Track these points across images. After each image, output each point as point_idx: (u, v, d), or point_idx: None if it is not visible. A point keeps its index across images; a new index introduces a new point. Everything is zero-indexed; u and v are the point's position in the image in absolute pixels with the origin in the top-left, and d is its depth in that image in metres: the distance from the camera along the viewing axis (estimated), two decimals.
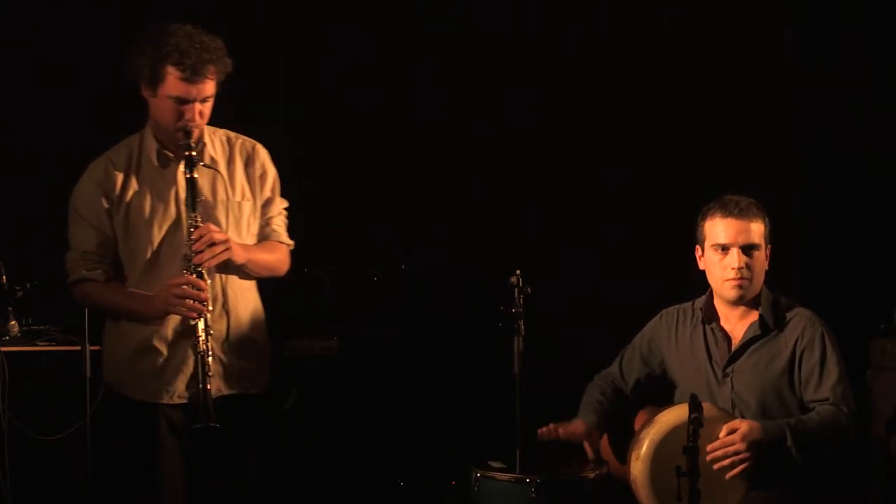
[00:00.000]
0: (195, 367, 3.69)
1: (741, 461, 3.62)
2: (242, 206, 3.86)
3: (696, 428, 3.49)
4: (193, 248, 3.68)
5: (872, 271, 4.83)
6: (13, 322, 4.43)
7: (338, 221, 5.13)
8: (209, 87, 3.69)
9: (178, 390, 3.77)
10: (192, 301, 3.67)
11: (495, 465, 3.90)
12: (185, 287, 3.67)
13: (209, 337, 3.69)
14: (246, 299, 3.88)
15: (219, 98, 3.77)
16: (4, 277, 4.40)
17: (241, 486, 3.87)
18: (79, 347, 4.01)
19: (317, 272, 5.02)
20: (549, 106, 5.15)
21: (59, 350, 4.39)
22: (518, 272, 3.94)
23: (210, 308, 3.71)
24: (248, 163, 3.90)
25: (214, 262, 3.72)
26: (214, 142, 3.87)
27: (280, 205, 3.98)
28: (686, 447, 3.44)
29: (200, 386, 3.66)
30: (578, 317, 4.94)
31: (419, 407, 4.83)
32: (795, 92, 5.07)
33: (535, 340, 4.01)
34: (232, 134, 3.93)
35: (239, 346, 3.83)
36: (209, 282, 3.72)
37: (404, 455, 4.81)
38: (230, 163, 3.87)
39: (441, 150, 5.11)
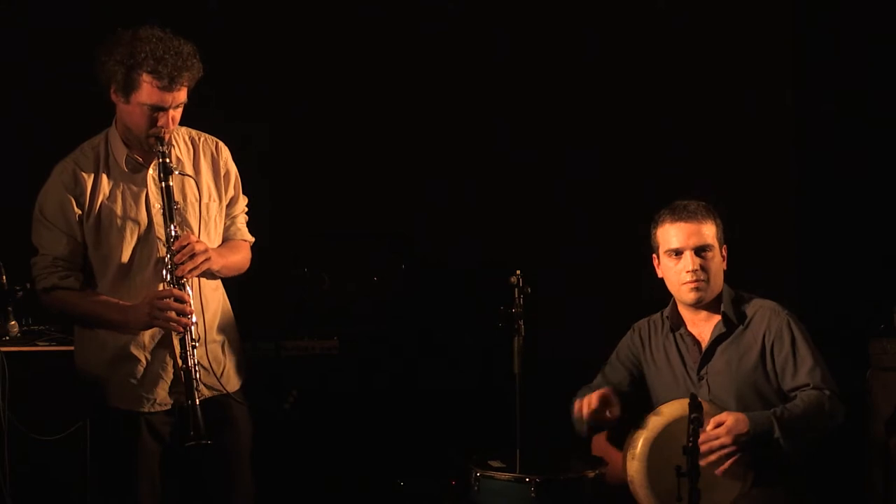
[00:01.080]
0: (184, 381, 3.62)
1: (728, 455, 3.62)
2: (210, 208, 3.82)
3: (696, 428, 3.49)
4: (175, 260, 3.62)
5: (872, 271, 4.83)
6: (13, 322, 4.43)
7: (337, 222, 5.13)
8: (183, 94, 3.62)
9: (160, 397, 3.71)
10: (176, 314, 3.61)
11: (495, 464, 3.90)
12: (168, 301, 3.61)
13: (194, 350, 3.63)
14: (215, 299, 3.84)
15: (217, 98, 3.75)
16: (4, 278, 4.40)
17: (225, 487, 3.81)
18: None
19: (316, 272, 5.02)
20: (548, 106, 5.15)
21: (58, 350, 4.38)
22: (518, 272, 3.94)
23: (194, 321, 3.65)
24: (213, 162, 3.84)
25: (196, 272, 3.67)
26: (178, 142, 3.80)
27: (243, 202, 3.95)
28: (686, 447, 3.44)
29: (189, 402, 3.59)
30: (578, 316, 4.94)
31: (419, 407, 4.83)
32: (795, 91, 5.07)
33: (535, 340, 4.02)
34: (194, 132, 3.86)
35: (213, 347, 3.78)
36: (191, 293, 3.67)
37: (404, 455, 4.80)
38: (195, 163, 3.81)
39: (441, 150, 5.11)
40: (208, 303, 3.78)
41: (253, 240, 3.97)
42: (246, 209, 3.96)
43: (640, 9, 5.10)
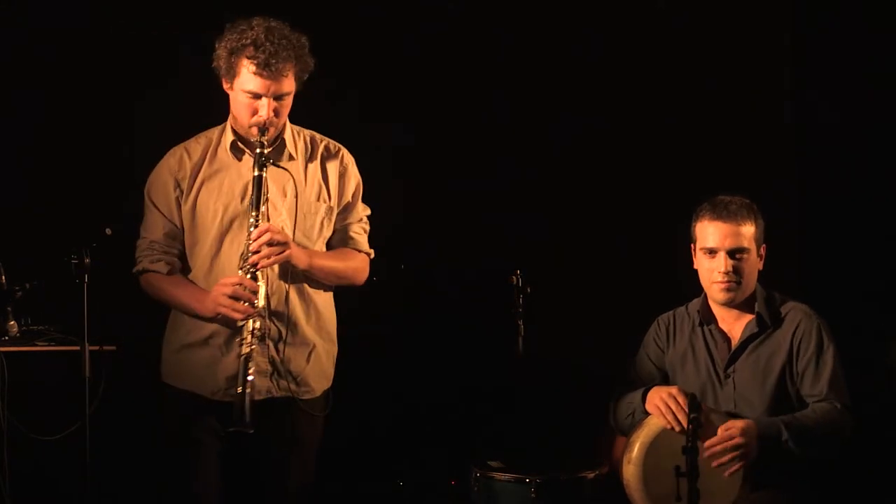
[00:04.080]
0: (240, 369, 3.60)
1: (741, 457, 3.63)
2: (316, 209, 3.79)
3: (695, 428, 3.50)
4: (252, 248, 3.60)
5: (876, 269, 4.82)
6: (12, 322, 4.42)
7: None
8: (285, 85, 3.63)
9: (229, 387, 3.68)
10: (241, 303, 3.59)
11: (495, 464, 3.90)
12: (236, 287, 3.60)
13: (254, 339, 3.61)
14: (313, 303, 3.80)
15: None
16: (4, 277, 4.39)
17: (278, 495, 3.83)
18: (78, 348, 4.02)
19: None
20: (548, 104, 5.14)
21: (58, 350, 4.37)
22: (518, 272, 3.95)
23: (261, 311, 3.63)
24: (330, 165, 3.83)
25: (270, 262, 3.63)
26: (298, 141, 3.81)
27: (362, 212, 3.92)
28: (685, 447, 3.45)
29: (240, 389, 3.57)
30: (578, 317, 4.93)
31: (418, 406, 4.83)
32: (795, 92, 5.07)
33: (535, 340, 4.03)
34: (318, 135, 3.87)
35: (294, 349, 3.75)
36: (262, 283, 3.64)
37: (404, 454, 4.80)
38: (309, 162, 3.81)
39: (441, 149, 5.10)
40: (298, 304, 3.75)
41: (372, 253, 3.95)
42: (367, 220, 3.94)
43: (641, 9, 5.09)
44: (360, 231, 3.92)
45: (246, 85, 3.61)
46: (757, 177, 4.70)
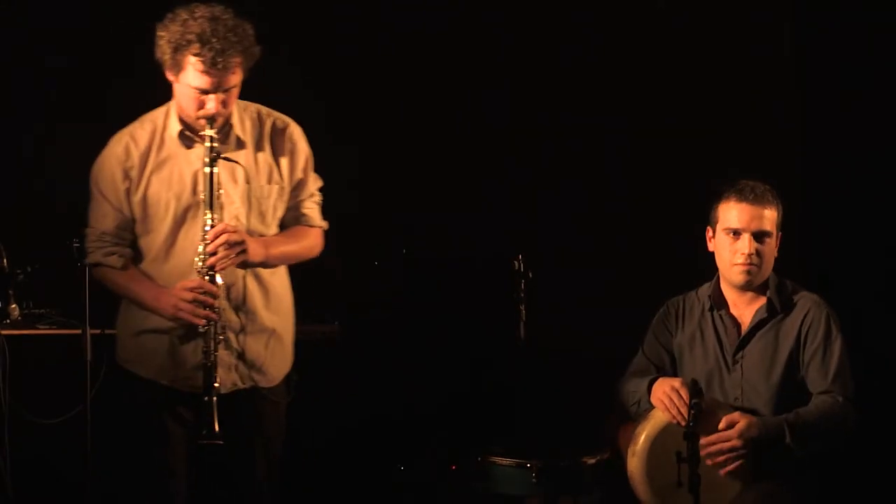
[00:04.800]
0: (203, 377, 3.56)
1: (736, 458, 3.63)
2: (268, 192, 3.71)
3: (696, 413, 3.50)
4: (209, 249, 3.55)
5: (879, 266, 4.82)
6: (14, 305, 4.41)
7: (339, 207, 5.11)
8: (233, 79, 3.53)
9: (189, 378, 3.64)
10: (201, 308, 3.55)
11: (496, 449, 3.90)
12: (196, 294, 3.55)
13: (218, 347, 3.57)
14: (271, 287, 3.75)
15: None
16: (5, 261, 4.38)
17: (247, 484, 3.78)
18: (79, 331, 4.01)
19: (317, 257, 5.01)
20: (552, 92, 5.13)
21: (59, 333, 4.38)
22: (520, 257, 3.94)
23: (219, 318, 3.58)
24: (279, 142, 3.73)
25: (228, 264, 3.58)
26: (244, 119, 3.70)
27: (314, 185, 3.84)
28: (686, 432, 3.44)
29: (206, 398, 3.54)
30: (580, 302, 4.93)
31: (420, 392, 4.83)
32: (798, 88, 5.06)
33: (537, 326, 4.02)
34: (264, 110, 3.76)
35: (254, 338, 3.71)
36: (222, 283, 3.59)
37: (404, 440, 4.80)
38: (259, 142, 3.71)
39: (443, 137, 5.10)
40: (262, 290, 3.70)
41: (325, 225, 3.87)
42: (319, 193, 3.86)
43: (641, 8, 5.09)
44: (312, 206, 3.84)
45: (192, 81, 3.50)
46: (761, 167, 4.69)
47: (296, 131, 3.78)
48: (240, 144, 3.69)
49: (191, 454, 3.69)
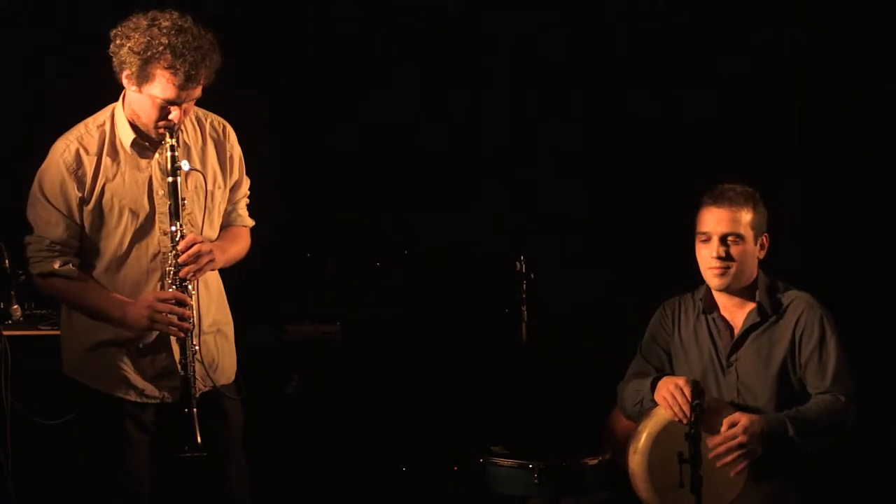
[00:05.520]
0: (182, 389, 3.50)
1: (743, 456, 3.63)
2: (214, 196, 3.67)
3: (698, 414, 3.50)
4: (181, 261, 3.49)
5: (878, 263, 4.82)
6: (15, 306, 4.40)
7: (340, 207, 5.12)
8: (198, 91, 3.48)
9: (148, 389, 3.60)
10: (177, 319, 3.50)
11: (498, 450, 3.90)
12: (170, 304, 3.49)
13: (194, 356, 3.52)
14: (212, 285, 3.71)
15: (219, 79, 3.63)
16: (7, 261, 4.38)
17: (222, 484, 3.72)
18: None
19: (319, 257, 5.02)
20: (552, 94, 5.14)
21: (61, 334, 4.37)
22: (521, 258, 3.94)
23: (193, 327, 3.52)
24: (220, 146, 3.69)
25: (201, 274, 3.55)
26: (186, 124, 3.63)
27: (246, 186, 3.80)
28: (688, 433, 3.45)
29: (186, 410, 3.48)
30: (581, 303, 4.94)
31: (421, 392, 4.84)
32: (800, 86, 5.07)
33: (539, 327, 4.02)
34: (200, 112, 3.68)
35: (207, 337, 3.65)
36: (194, 294, 3.56)
37: (406, 440, 4.81)
38: (203, 147, 3.66)
39: (444, 137, 5.11)
40: (206, 289, 3.66)
41: (253, 223, 3.85)
42: (248, 192, 3.84)
43: (641, 8, 5.09)
44: (244, 206, 3.82)
45: (163, 94, 3.43)
46: (762, 168, 4.70)
47: (231, 132, 3.74)
48: (186, 149, 3.63)
49: (154, 459, 3.63)
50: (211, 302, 3.70)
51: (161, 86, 3.42)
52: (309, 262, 4.98)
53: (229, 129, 3.74)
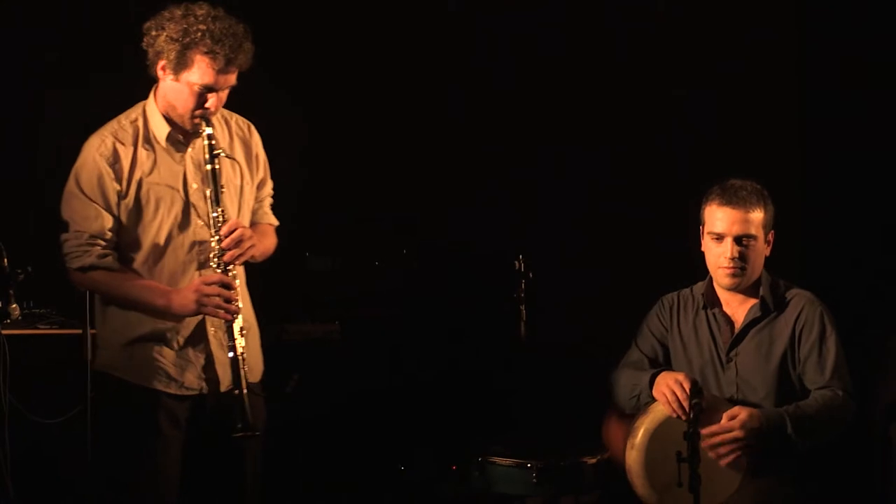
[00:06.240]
0: (232, 370, 3.55)
1: (737, 448, 3.63)
2: (244, 191, 3.74)
3: (696, 413, 3.50)
4: (223, 245, 3.55)
5: (876, 263, 4.82)
6: (14, 305, 4.39)
7: (340, 206, 5.12)
8: (234, 77, 3.56)
9: (188, 381, 3.64)
10: (225, 302, 3.54)
11: (497, 450, 3.90)
12: (216, 287, 3.54)
13: (242, 338, 3.56)
14: (241, 282, 3.75)
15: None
16: (6, 260, 4.38)
17: (241, 479, 3.76)
18: (80, 331, 4.03)
19: (318, 256, 5.02)
20: (551, 94, 5.14)
21: (60, 333, 4.38)
22: (521, 257, 3.94)
23: (239, 310, 3.57)
24: (245, 143, 3.77)
25: (244, 258, 3.61)
26: (213, 121, 3.68)
27: (270, 185, 3.88)
28: (687, 432, 3.45)
29: (237, 392, 3.53)
30: (580, 302, 4.94)
31: (420, 392, 4.84)
32: (802, 82, 5.07)
33: (538, 326, 4.02)
34: (225, 112, 3.75)
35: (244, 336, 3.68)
36: (238, 280, 3.61)
37: (405, 440, 4.81)
38: (230, 144, 3.73)
39: (443, 136, 5.11)
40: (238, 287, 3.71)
41: (277, 223, 3.90)
42: (272, 192, 3.89)
43: (641, 8, 5.10)
44: (268, 205, 3.89)
45: (202, 79, 3.51)
46: (761, 163, 4.70)
47: (255, 131, 3.82)
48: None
49: (183, 459, 3.66)
50: (243, 298, 3.73)
51: (200, 71, 3.51)
52: (308, 261, 4.97)
53: (253, 128, 3.82)
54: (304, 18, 5.10)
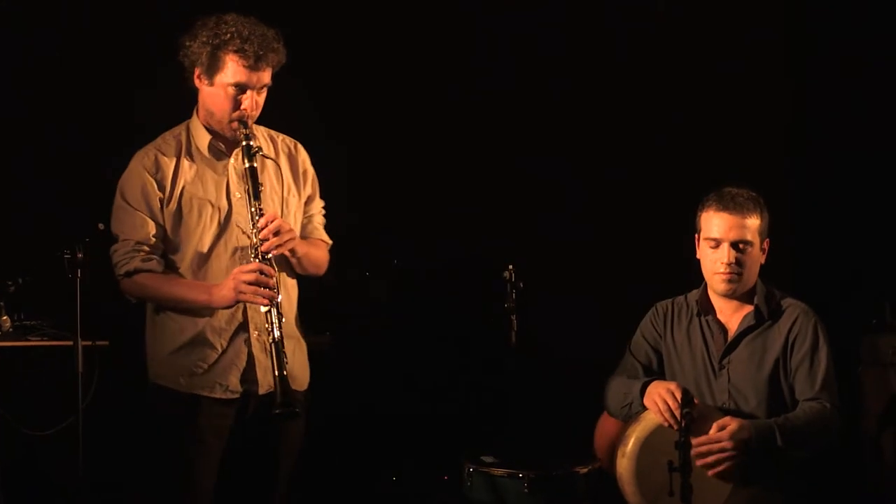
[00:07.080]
0: (274, 354, 3.57)
1: (726, 459, 3.63)
2: (289, 202, 3.79)
3: (688, 423, 3.50)
4: (261, 236, 3.60)
5: (864, 267, 4.84)
6: (5, 317, 4.42)
7: (331, 217, 5.12)
8: (267, 76, 3.64)
9: (231, 384, 3.68)
10: (263, 288, 3.58)
11: (488, 459, 3.90)
12: (255, 274, 3.58)
13: (279, 324, 3.59)
14: (290, 297, 3.81)
15: None
16: None
17: (271, 486, 3.81)
18: (71, 343, 4.02)
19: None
20: (545, 100, 5.15)
21: (51, 345, 4.38)
22: (510, 267, 3.94)
23: (279, 295, 3.62)
24: (292, 159, 3.84)
25: (282, 249, 3.64)
26: (259, 140, 3.79)
27: (320, 203, 3.93)
28: (678, 442, 3.45)
29: (277, 373, 3.55)
30: (572, 312, 4.94)
31: (411, 402, 4.84)
32: (793, 89, 5.08)
33: (528, 336, 4.02)
34: (272, 132, 3.86)
35: (286, 341, 3.69)
36: (276, 270, 3.64)
37: (397, 450, 4.81)
38: (276, 159, 3.80)
39: (436, 148, 5.11)
40: (287, 295, 3.75)
41: (331, 242, 3.93)
42: (323, 211, 3.93)
43: (640, 9, 5.11)
44: (321, 222, 3.94)
45: (234, 77, 3.60)
46: (755, 170, 4.71)
47: (303, 151, 3.89)
48: (261, 160, 3.75)
49: (220, 471, 3.71)
50: (292, 309, 3.81)
51: (232, 70, 3.60)
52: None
53: (300, 146, 3.90)
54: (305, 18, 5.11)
